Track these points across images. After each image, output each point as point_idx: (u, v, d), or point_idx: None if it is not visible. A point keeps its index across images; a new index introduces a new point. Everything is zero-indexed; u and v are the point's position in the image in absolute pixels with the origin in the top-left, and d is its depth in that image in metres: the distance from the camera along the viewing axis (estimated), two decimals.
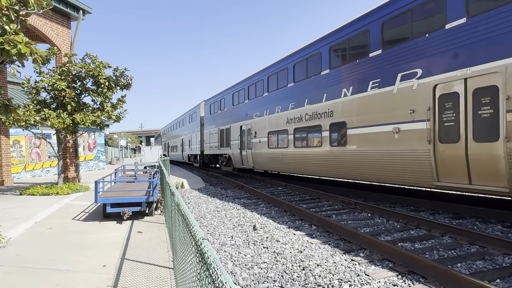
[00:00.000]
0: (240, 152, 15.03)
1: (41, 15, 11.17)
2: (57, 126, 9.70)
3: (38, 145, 16.60)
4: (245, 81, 14.89)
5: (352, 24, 8.42)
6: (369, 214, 7.10)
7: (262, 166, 13.40)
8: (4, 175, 12.51)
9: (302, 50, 10.57)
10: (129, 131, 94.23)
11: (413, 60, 6.66)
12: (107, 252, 4.57)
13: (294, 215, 7.20)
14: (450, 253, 4.55)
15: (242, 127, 14.91)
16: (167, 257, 4.39)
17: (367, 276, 3.82)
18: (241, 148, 14.96)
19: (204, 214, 7.71)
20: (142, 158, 23.41)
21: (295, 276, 3.89)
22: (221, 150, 17.72)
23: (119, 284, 3.52)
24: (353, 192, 9.59)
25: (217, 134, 18.37)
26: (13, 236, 5.41)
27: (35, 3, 4.58)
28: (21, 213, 7.17)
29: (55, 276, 3.75)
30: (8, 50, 4.01)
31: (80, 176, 12.97)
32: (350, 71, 8.44)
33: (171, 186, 3.97)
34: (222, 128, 17.56)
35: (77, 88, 10.73)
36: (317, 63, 9.73)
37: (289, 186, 11.33)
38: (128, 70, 10.95)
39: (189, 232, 2.11)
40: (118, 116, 11.04)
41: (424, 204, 7.47)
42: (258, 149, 13.23)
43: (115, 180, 9.36)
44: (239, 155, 15.27)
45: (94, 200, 6.50)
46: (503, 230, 5.55)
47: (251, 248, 5.01)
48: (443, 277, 3.53)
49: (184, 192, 11.44)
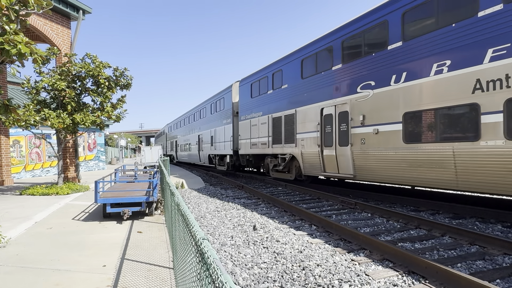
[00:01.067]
0: (321, 151, 9.58)
1: (41, 15, 11.17)
2: (57, 126, 9.70)
3: (38, 145, 16.60)
4: (339, 31, 9.08)
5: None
6: (369, 214, 7.10)
7: (379, 175, 7.78)
8: (4, 175, 12.50)
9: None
10: (129, 131, 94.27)
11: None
12: (107, 252, 4.57)
13: (294, 215, 7.20)
14: (450, 253, 4.55)
15: (324, 111, 9.51)
16: (167, 257, 4.39)
17: (367, 276, 3.82)
18: (323, 145, 9.55)
19: (204, 214, 7.71)
20: (142, 158, 23.42)
21: (295, 276, 3.89)
22: (275, 148, 12.11)
23: (119, 284, 3.52)
24: (353, 192, 9.59)
25: (265, 125, 12.81)
26: (13, 236, 5.41)
27: (35, 3, 4.58)
28: (21, 213, 7.16)
29: (55, 276, 3.75)
30: (8, 50, 4.01)
31: (80, 176, 12.97)
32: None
33: (171, 186, 3.97)
34: (277, 115, 11.96)
35: (77, 88, 10.73)
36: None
37: (289, 186, 11.33)
38: (128, 70, 10.96)
39: (189, 232, 2.11)
40: (118, 116, 11.04)
41: (424, 204, 7.47)
42: (372, 146, 7.83)
43: (115, 180, 9.35)
44: (317, 155, 9.77)
45: (94, 200, 6.50)
46: (503, 230, 5.55)
47: (251, 248, 5.01)
48: (443, 277, 3.53)
49: (184, 192, 11.44)
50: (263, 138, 13.12)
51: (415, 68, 6.88)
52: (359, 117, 8.23)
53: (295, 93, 11.02)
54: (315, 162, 10.00)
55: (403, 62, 7.15)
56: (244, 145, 14.88)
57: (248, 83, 14.50)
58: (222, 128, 17.46)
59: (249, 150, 14.31)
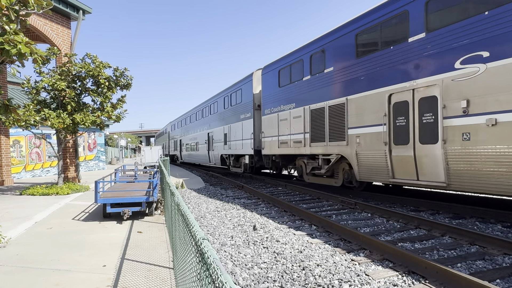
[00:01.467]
0: (389, 150, 7.22)
1: (41, 15, 11.17)
2: (57, 126, 9.70)
3: (38, 145, 16.60)
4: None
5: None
6: (369, 214, 7.10)
7: (495, 185, 5.45)
8: (4, 175, 12.51)
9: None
10: (129, 131, 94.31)
11: None
12: (107, 252, 4.57)
13: (294, 215, 7.20)
14: (450, 253, 4.55)
15: (394, 98, 7.18)
16: (167, 257, 4.39)
17: (367, 276, 3.82)
18: (393, 142, 7.17)
19: (204, 214, 7.71)
20: (142, 158, 23.43)
21: (295, 276, 3.89)
22: (315, 147, 9.75)
23: (119, 284, 3.52)
24: (353, 192, 9.58)
25: (300, 119, 10.39)
26: (13, 236, 5.41)
27: (35, 3, 4.58)
28: (21, 213, 7.17)
29: (55, 276, 3.75)
30: (8, 50, 4.01)
31: (80, 176, 12.97)
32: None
33: (171, 186, 3.97)
34: (317, 106, 9.59)
35: (77, 88, 10.73)
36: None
37: (289, 186, 11.33)
38: (128, 70, 10.96)
39: (189, 232, 2.11)
40: (118, 116, 11.04)
41: (424, 204, 7.47)
42: (484, 143, 5.52)
43: (115, 180, 9.36)
44: (382, 156, 7.39)
45: (94, 200, 6.50)
46: (503, 230, 5.55)
47: (251, 248, 5.01)
48: (443, 277, 3.53)
49: (184, 192, 11.44)
50: (296, 135, 10.59)
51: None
52: (458, 104, 5.83)
53: (346, 77, 8.48)
54: (378, 165, 7.55)
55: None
56: (269, 143, 12.40)
57: (275, 70, 11.87)
58: (239, 125, 15.20)
59: (276, 150, 11.83)
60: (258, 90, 13.80)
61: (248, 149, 14.24)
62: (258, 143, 13.61)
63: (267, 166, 13.52)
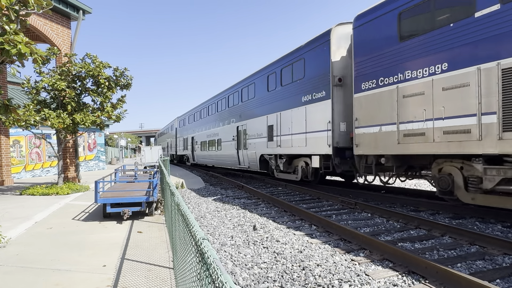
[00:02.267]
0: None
1: (41, 15, 11.17)
2: (57, 126, 9.70)
3: (38, 145, 16.61)
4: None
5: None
6: (369, 214, 7.10)
7: None
8: (4, 175, 12.51)
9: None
10: (129, 131, 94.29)
11: None
12: (107, 252, 4.57)
13: (294, 215, 7.20)
14: (450, 253, 4.55)
15: None
16: (167, 257, 4.39)
17: (367, 276, 3.82)
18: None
19: (204, 214, 7.71)
20: (142, 158, 23.42)
21: (295, 276, 3.89)
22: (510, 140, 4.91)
23: (119, 284, 3.52)
24: (353, 192, 9.58)
25: (465, 89, 5.57)
26: (13, 236, 5.41)
27: (35, 3, 4.58)
28: (21, 213, 7.17)
29: (55, 276, 3.75)
30: (8, 50, 4.01)
31: (80, 176, 12.97)
32: None
33: (171, 186, 3.97)
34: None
35: (77, 88, 10.73)
36: None
37: (289, 186, 11.33)
38: (128, 70, 10.96)
39: (189, 232, 2.11)
40: (118, 116, 11.04)
41: (424, 204, 7.47)
42: None
43: (115, 180, 9.36)
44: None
45: (94, 200, 6.50)
46: (503, 230, 5.55)
47: (251, 248, 5.01)
48: (443, 277, 3.53)
49: (184, 192, 11.44)
50: (453, 119, 5.79)
51: None
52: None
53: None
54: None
55: None
56: (373, 138, 7.51)
57: (390, 14, 7.04)
58: (300, 111, 10.45)
59: (394, 148, 6.99)
60: (339, 57, 9.31)
61: (320, 146, 9.57)
62: (340, 137, 9.07)
63: (363, 172, 8.19)
